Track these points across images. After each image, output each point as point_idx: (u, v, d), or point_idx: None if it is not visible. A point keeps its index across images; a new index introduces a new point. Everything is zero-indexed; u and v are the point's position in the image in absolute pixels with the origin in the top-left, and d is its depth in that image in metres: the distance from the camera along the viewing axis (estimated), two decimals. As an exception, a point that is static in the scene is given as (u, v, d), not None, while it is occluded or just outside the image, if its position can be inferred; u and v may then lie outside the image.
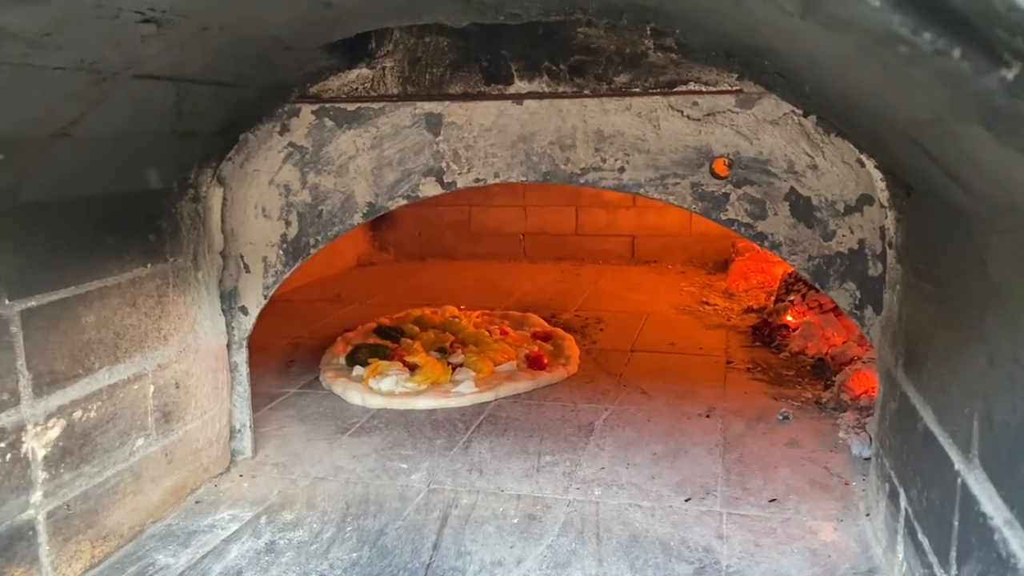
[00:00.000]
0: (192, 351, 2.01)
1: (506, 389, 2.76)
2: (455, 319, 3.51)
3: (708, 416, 2.53)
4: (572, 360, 3.07)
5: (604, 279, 4.94)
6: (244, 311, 2.16)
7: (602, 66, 1.88)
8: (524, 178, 1.97)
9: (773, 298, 3.83)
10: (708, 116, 1.84)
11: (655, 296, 4.40)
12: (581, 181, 1.94)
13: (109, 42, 1.30)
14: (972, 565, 1.08)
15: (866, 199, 1.78)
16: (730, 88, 1.82)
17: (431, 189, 2.02)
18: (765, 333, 3.44)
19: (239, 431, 2.23)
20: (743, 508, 1.92)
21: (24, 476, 1.50)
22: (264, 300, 2.15)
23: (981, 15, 0.57)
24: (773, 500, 1.96)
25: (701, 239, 5.32)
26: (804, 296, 3.50)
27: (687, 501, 1.97)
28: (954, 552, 1.16)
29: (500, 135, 1.96)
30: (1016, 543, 0.93)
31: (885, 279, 1.78)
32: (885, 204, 1.73)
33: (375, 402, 2.68)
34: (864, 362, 2.70)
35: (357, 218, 2.08)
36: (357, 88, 2.02)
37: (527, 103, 1.93)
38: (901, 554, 1.50)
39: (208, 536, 1.84)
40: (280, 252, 2.12)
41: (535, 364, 2.97)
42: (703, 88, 1.84)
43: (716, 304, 4.16)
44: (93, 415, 1.67)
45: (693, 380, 2.89)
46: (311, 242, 2.11)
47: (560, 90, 1.91)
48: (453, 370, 2.87)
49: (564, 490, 2.04)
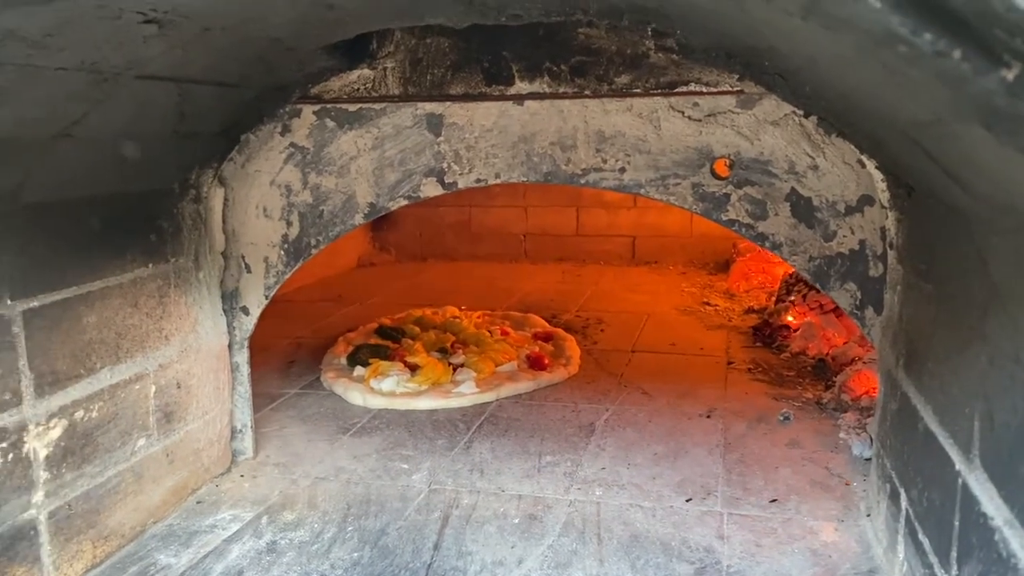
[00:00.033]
0: (193, 351, 2.01)
1: (507, 389, 2.76)
2: (456, 319, 3.51)
3: (709, 416, 2.54)
4: (573, 360, 3.07)
5: (605, 280, 4.94)
6: (245, 311, 2.17)
7: (603, 67, 1.88)
8: (525, 178, 1.97)
9: (774, 299, 3.83)
10: (709, 117, 1.84)
11: (656, 297, 4.41)
12: (582, 182, 1.94)
13: (111, 43, 1.30)
14: (973, 565, 1.08)
15: (867, 200, 1.78)
16: (731, 89, 1.82)
17: (432, 189, 2.02)
18: (766, 334, 3.44)
19: (240, 431, 2.23)
20: (744, 508, 1.92)
21: (26, 476, 1.50)
22: (265, 300, 2.16)
23: (980, 16, 0.57)
24: (774, 500, 1.96)
25: (702, 240, 5.32)
26: (805, 297, 3.50)
27: (688, 501, 1.97)
28: (955, 552, 1.16)
29: (501, 136, 1.96)
30: (1016, 543, 0.93)
31: (886, 280, 1.78)
32: (886, 205, 1.73)
33: (376, 402, 2.68)
34: (865, 363, 2.71)
35: (358, 218, 2.08)
36: (358, 89, 2.02)
37: (528, 104, 1.94)
38: (902, 554, 1.50)
39: (209, 536, 1.84)
40: (281, 252, 2.12)
41: (536, 364, 2.97)
42: (704, 89, 1.84)
43: (717, 305, 4.16)
44: (95, 415, 1.68)
45: (694, 381, 2.89)
46: (312, 242, 2.11)
47: (561, 91, 1.92)
48: (454, 370, 2.87)
49: (565, 490, 2.04)
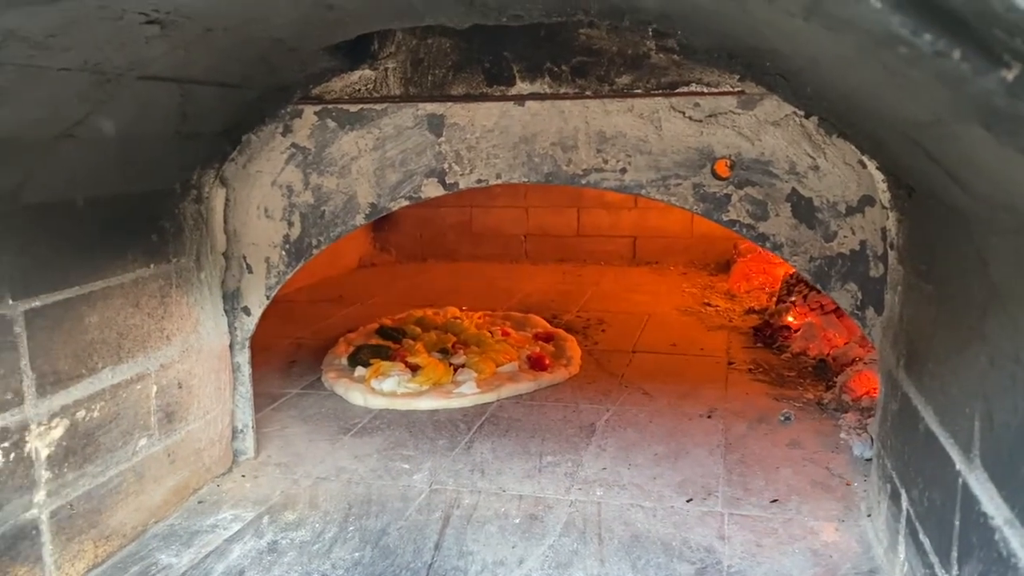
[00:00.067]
0: (195, 351, 2.01)
1: (508, 390, 2.76)
2: (457, 320, 3.51)
3: (710, 417, 2.54)
4: (574, 361, 3.07)
5: (606, 280, 4.94)
6: (247, 311, 2.17)
7: (604, 67, 1.88)
8: (526, 179, 1.98)
9: (775, 299, 3.83)
10: (710, 117, 1.84)
11: (657, 297, 4.41)
12: (583, 182, 1.94)
13: (113, 43, 1.31)
14: (973, 565, 1.08)
15: (867, 200, 1.78)
16: (732, 89, 1.82)
17: (433, 190, 2.03)
18: (767, 334, 3.44)
19: (241, 431, 2.23)
20: (745, 509, 1.93)
21: (27, 476, 1.50)
22: (266, 301, 2.16)
23: (980, 16, 0.57)
24: (775, 501, 1.96)
25: (703, 240, 5.32)
26: (806, 297, 3.50)
27: (689, 502, 1.97)
28: (955, 552, 1.16)
29: (502, 136, 1.96)
30: (1017, 542, 0.93)
31: (886, 280, 1.78)
32: (886, 205, 1.73)
33: (377, 403, 2.68)
34: (865, 363, 2.71)
35: (359, 219, 2.08)
36: (359, 89, 2.02)
37: (529, 104, 1.94)
38: (902, 554, 1.50)
39: (210, 536, 1.84)
40: (282, 253, 2.13)
41: (537, 365, 2.97)
42: (705, 89, 1.84)
43: (718, 305, 4.16)
44: (96, 415, 1.68)
45: (695, 381, 2.89)
46: (313, 243, 2.11)
47: (562, 91, 1.92)
48: (455, 371, 2.87)
49: (566, 490, 2.04)
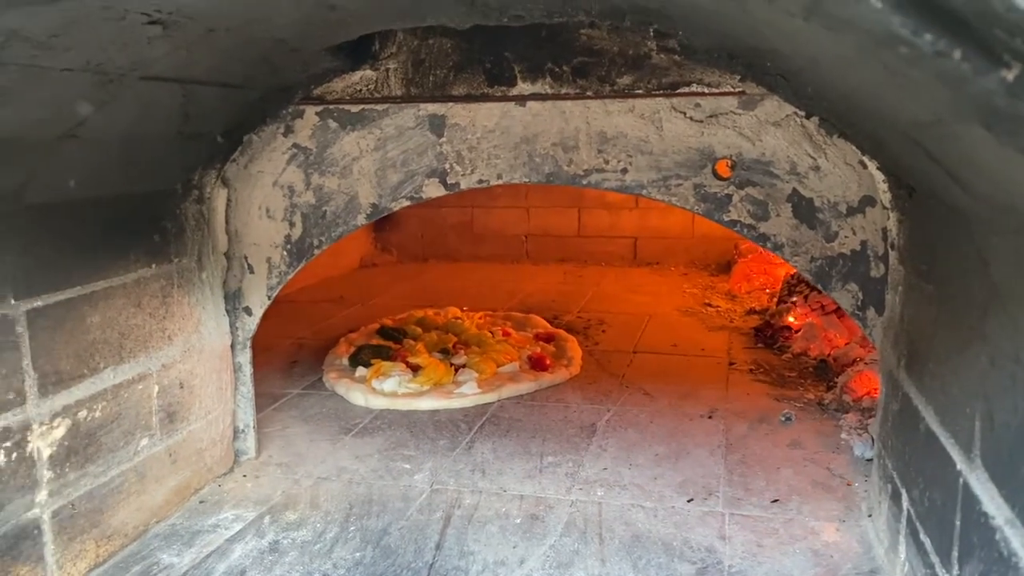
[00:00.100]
0: (196, 351, 2.02)
1: (508, 390, 2.76)
2: (458, 320, 3.51)
3: (710, 417, 2.54)
4: (574, 361, 3.07)
5: (606, 281, 4.94)
6: (248, 312, 2.17)
7: (605, 68, 1.89)
8: (527, 179, 1.98)
9: (775, 300, 3.84)
10: (711, 118, 1.85)
11: (657, 298, 4.41)
12: (584, 182, 1.95)
13: (116, 44, 1.31)
14: (974, 565, 1.08)
15: (868, 200, 1.78)
16: (733, 90, 1.83)
17: (434, 190, 2.03)
18: (767, 334, 3.45)
19: (243, 431, 2.23)
20: (745, 509, 1.93)
21: (29, 475, 1.51)
22: (268, 301, 2.16)
23: (980, 16, 0.58)
24: (775, 501, 1.96)
25: (704, 241, 5.32)
26: (806, 297, 3.50)
27: (689, 502, 1.97)
28: (956, 552, 1.16)
29: (503, 136, 1.97)
30: (1017, 542, 0.93)
31: (887, 280, 1.78)
32: (887, 205, 1.73)
33: (378, 403, 2.68)
34: (866, 363, 2.71)
35: (361, 219, 2.09)
36: (361, 90, 2.03)
37: (530, 105, 1.94)
38: (903, 554, 1.50)
39: (212, 536, 1.84)
40: (284, 253, 2.13)
41: (537, 365, 2.97)
42: (706, 90, 1.84)
43: (718, 306, 4.16)
44: (98, 415, 1.68)
45: (695, 381, 2.90)
46: (315, 243, 2.12)
47: (563, 92, 1.92)
48: (456, 371, 2.87)
49: (567, 490, 2.05)
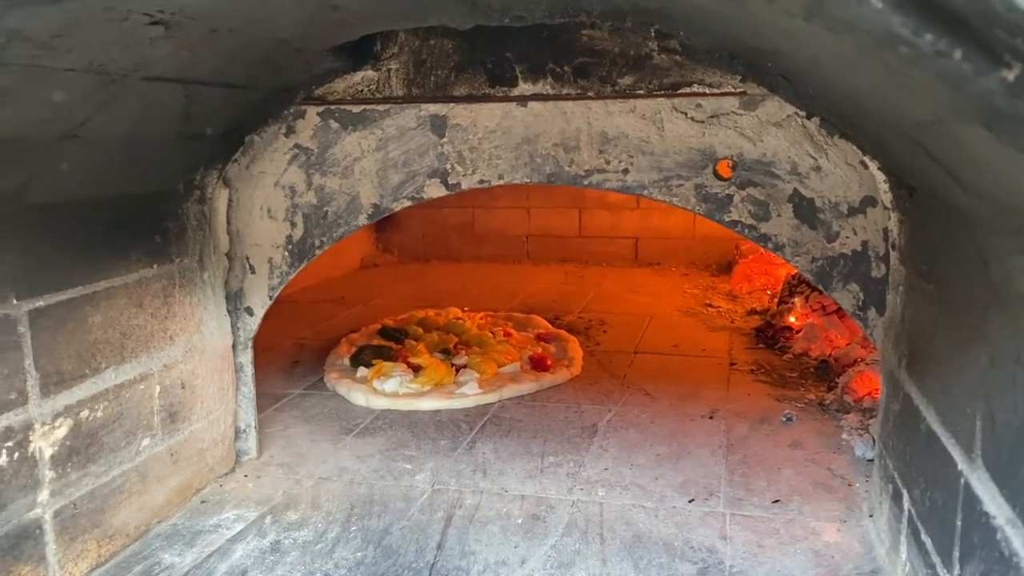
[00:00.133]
0: (198, 351, 2.02)
1: (510, 390, 2.76)
2: (459, 321, 3.52)
3: (711, 418, 2.54)
4: (575, 362, 3.07)
5: (607, 281, 4.95)
6: (249, 312, 2.17)
7: (606, 68, 1.89)
8: (528, 180, 1.98)
9: (776, 300, 3.84)
10: (712, 118, 1.85)
11: (658, 298, 4.41)
12: (585, 183, 1.95)
13: (118, 44, 1.31)
14: (975, 564, 1.08)
15: (869, 201, 1.78)
16: (734, 90, 1.83)
17: (436, 191, 2.03)
18: (768, 335, 3.45)
19: (244, 431, 2.24)
20: (746, 509, 1.93)
21: (31, 475, 1.51)
22: (269, 301, 2.16)
23: (981, 16, 0.58)
24: (776, 501, 1.96)
25: (705, 241, 5.32)
26: (807, 298, 3.50)
27: (691, 502, 1.97)
28: (957, 552, 1.16)
29: (504, 137, 1.97)
30: (1018, 542, 0.93)
31: (888, 280, 1.78)
32: (888, 206, 1.73)
33: (379, 403, 2.68)
34: (867, 364, 2.71)
35: (362, 219, 2.09)
36: (362, 90, 2.03)
37: (531, 105, 1.94)
38: (904, 554, 1.50)
39: (213, 536, 1.85)
40: (285, 253, 2.13)
41: (539, 366, 2.98)
42: (707, 90, 1.84)
43: (719, 306, 4.16)
44: (100, 415, 1.68)
45: (696, 382, 2.90)
46: (316, 243, 2.12)
47: (564, 92, 1.92)
48: (457, 371, 2.87)
49: (568, 491, 2.05)
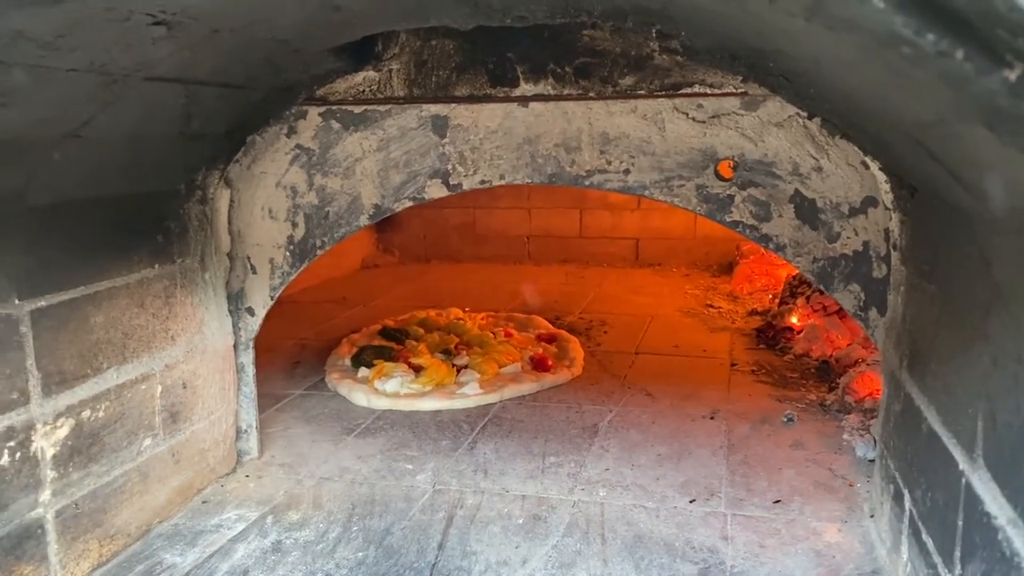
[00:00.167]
0: (199, 352, 2.02)
1: (511, 391, 2.77)
2: (460, 321, 3.52)
3: (712, 418, 2.54)
4: (576, 362, 3.07)
5: (608, 282, 4.95)
6: (251, 312, 2.18)
7: (607, 68, 1.89)
8: (530, 180, 1.98)
9: (777, 300, 3.84)
10: (713, 118, 1.85)
11: (659, 299, 4.41)
12: (586, 183, 1.95)
13: (120, 44, 1.31)
14: (976, 564, 1.08)
15: (870, 201, 1.78)
16: (735, 90, 1.83)
17: (437, 191, 2.03)
18: (769, 335, 3.44)
19: (245, 431, 2.24)
20: (748, 509, 1.93)
21: (33, 475, 1.51)
22: (271, 301, 2.17)
23: (983, 16, 0.58)
24: (778, 501, 1.96)
25: (706, 242, 5.32)
26: (808, 298, 3.50)
27: (692, 502, 1.97)
28: (958, 552, 1.16)
29: (506, 137, 1.97)
30: (1020, 542, 0.93)
31: (889, 281, 1.78)
32: (889, 206, 1.73)
33: (380, 403, 2.69)
34: (868, 364, 2.71)
35: (363, 219, 2.09)
36: (363, 90, 2.03)
37: (533, 105, 1.94)
38: (905, 555, 1.50)
39: (215, 536, 1.85)
40: (287, 253, 2.13)
41: (540, 366, 2.98)
42: (708, 90, 1.84)
43: (720, 307, 4.16)
44: (101, 415, 1.69)
45: (697, 382, 2.90)
46: (318, 243, 2.12)
47: (566, 92, 1.92)
48: (458, 372, 2.88)
49: (569, 491, 2.05)
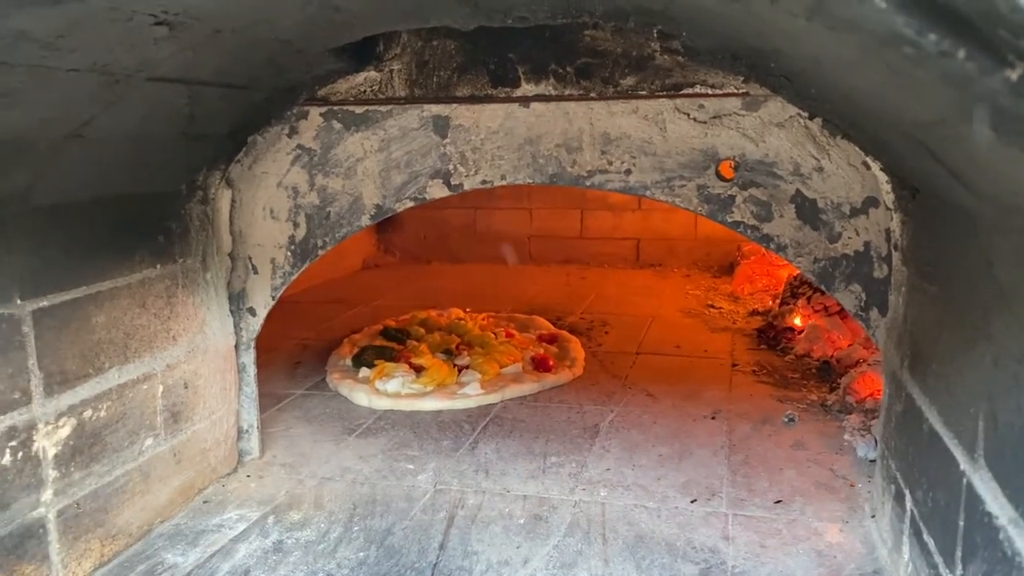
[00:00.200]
0: (201, 352, 2.02)
1: (512, 391, 2.77)
2: (461, 321, 3.52)
3: (713, 418, 2.54)
4: (578, 362, 3.07)
5: (609, 282, 4.95)
6: (252, 312, 2.18)
7: (609, 69, 1.89)
8: (531, 180, 1.98)
9: (778, 301, 3.83)
10: (714, 119, 1.85)
11: (660, 299, 4.41)
12: (587, 183, 1.95)
13: (122, 44, 1.32)
14: (977, 564, 1.08)
15: (872, 201, 1.79)
16: (736, 91, 1.83)
17: (438, 191, 2.03)
18: (770, 336, 3.44)
19: (247, 431, 2.24)
20: (749, 509, 1.93)
21: (35, 474, 1.51)
22: (272, 301, 2.17)
23: (985, 16, 0.58)
24: (779, 501, 1.96)
25: (706, 242, 5.32)
26: (809, 299, 3.50)
27: (693, 502, 1.97)
28: (959, 552, 1.16)
29: (507, 137, 1.97)
30: (1021, 542, 0.93)
31: (890, 281, 1.78)
32: (891, 206, 1.73)
33: (381, 403, 2.69)
34: (869, 364, 2.71)
35: (365, 220, 2.09)
36: (365, 91, 2.03)
37: (534, 106, 1.94)
38: (907, 555, 1.50)
39: (216, 535, 1.85)
40: (288, 254, 2.13)
41: (541, 366, 2.98)
42: (709, 91, 1.84)
43: (721, 307, 4.16)
44: (103, 414, 1.69)
45: (698, 382, 2.90)
46: (319, 244, 2.12)
47: (567, 93, 1.92)
48: (459, 372, 2.88)
49: (570, 491, 2.05)
